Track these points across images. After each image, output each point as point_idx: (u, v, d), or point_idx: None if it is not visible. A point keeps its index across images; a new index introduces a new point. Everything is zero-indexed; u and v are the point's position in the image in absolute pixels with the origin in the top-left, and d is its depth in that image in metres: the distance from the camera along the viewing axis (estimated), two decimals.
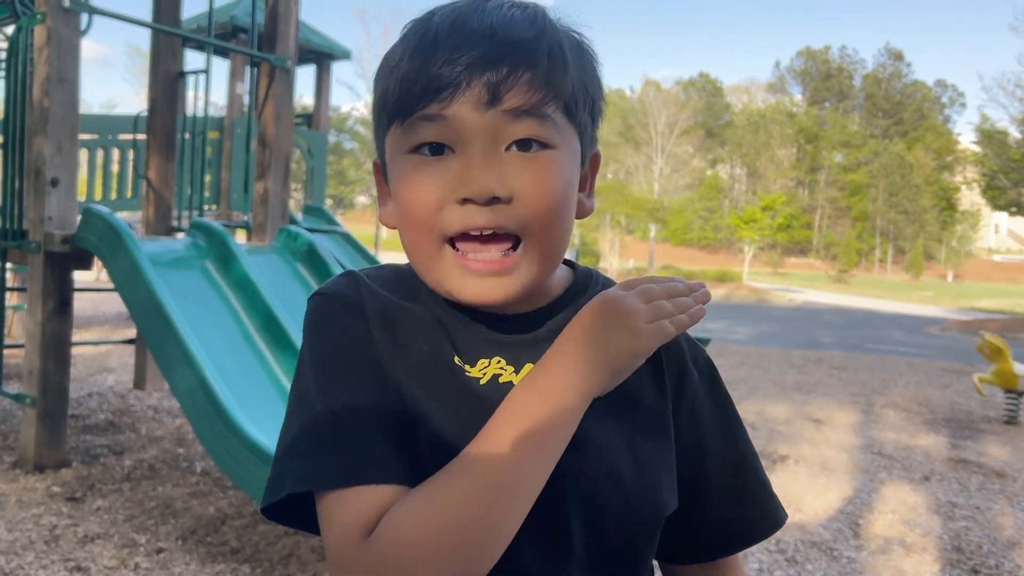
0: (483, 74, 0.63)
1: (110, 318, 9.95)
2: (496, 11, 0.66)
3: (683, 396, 0.76)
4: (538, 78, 0.65)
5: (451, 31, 0.65)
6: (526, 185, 0.65)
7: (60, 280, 3.78)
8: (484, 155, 0.64)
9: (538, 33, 0.66)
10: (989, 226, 68.01)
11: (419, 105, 0.65)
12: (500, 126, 0.64)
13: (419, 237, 0.67)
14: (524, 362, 0.70)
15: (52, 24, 3.58)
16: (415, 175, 0.66)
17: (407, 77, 0.65)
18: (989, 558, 3.34)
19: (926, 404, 7.11)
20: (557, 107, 0.66)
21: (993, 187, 25.56)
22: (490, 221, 0.64)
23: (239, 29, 7.61)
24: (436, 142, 0.65)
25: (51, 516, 3.16)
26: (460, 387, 0.69)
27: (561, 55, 0.67)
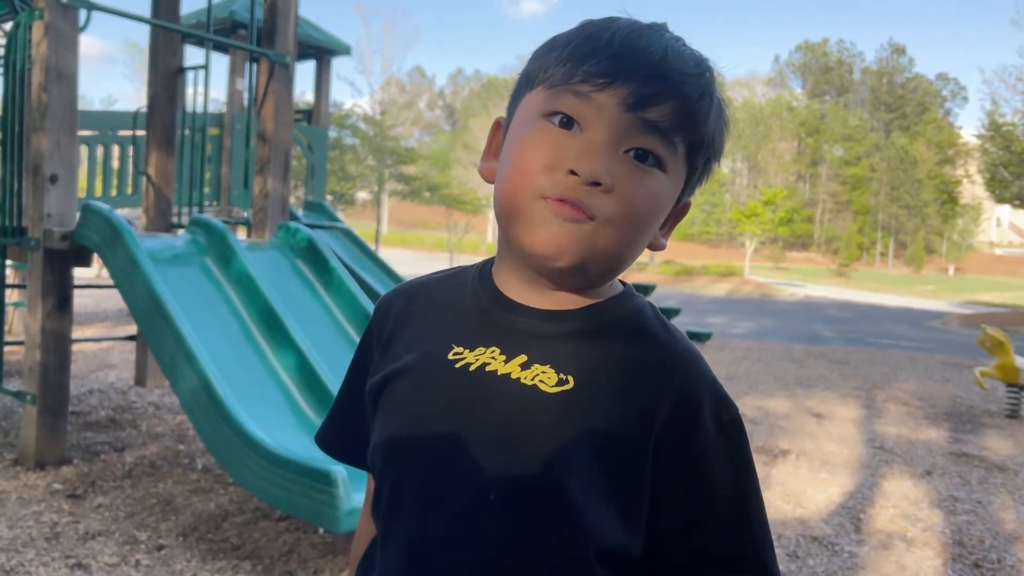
0: (641, 82, 0.68)
1: (111, 315, 9.95)
2: (673, 40, 0.72)
3: (686, 452, 0.73)
4: (682, 109, 0.70)
5: (631, 36, 0.70)
6: (625, 188, 0.69)
7: (60, 277, 3.77)
8: (605, 144, 0.69)
9: (699, 73, 0.72)
10: (991, 220, 67.90)
11: (574, 79, 0.69)
12: (630, 130, 0.69)
13: (520, 188, 0.71)
14: (518, 353, 0.74)
15: (50, 20, 3.57)
16: (541, 136, 0.71)
17: (576, 54, 0.70)
18: (991, 552, 3.34)
19: (927, 398, 7.10)
20: (683, 142, 0.72)
21: (996, 180, 25.46)
22: (585, 198, 0.68)
23: (238, 25, 7.60)
24: (570, 115, 0.70)
25: (52, 513, 3.16)
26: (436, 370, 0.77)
27: (709, 102, 0.72)
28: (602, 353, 0.74)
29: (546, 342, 0.74)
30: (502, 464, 0.71)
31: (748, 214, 41.06)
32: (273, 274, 3.71)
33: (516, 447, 0.71)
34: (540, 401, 0.71)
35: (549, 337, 0.74)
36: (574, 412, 0.71)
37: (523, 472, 0.71)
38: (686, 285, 32.57)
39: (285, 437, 2.76)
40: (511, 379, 0.73)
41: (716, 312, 19.20)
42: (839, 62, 67.36)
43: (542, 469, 0.70)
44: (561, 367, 0.72)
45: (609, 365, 0.74)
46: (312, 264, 3.91)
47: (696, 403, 0.73)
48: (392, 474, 0.77)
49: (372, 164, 30.62)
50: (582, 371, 0.72)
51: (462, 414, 0.73)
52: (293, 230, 4.04)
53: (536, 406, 0.71)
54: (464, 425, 0.73)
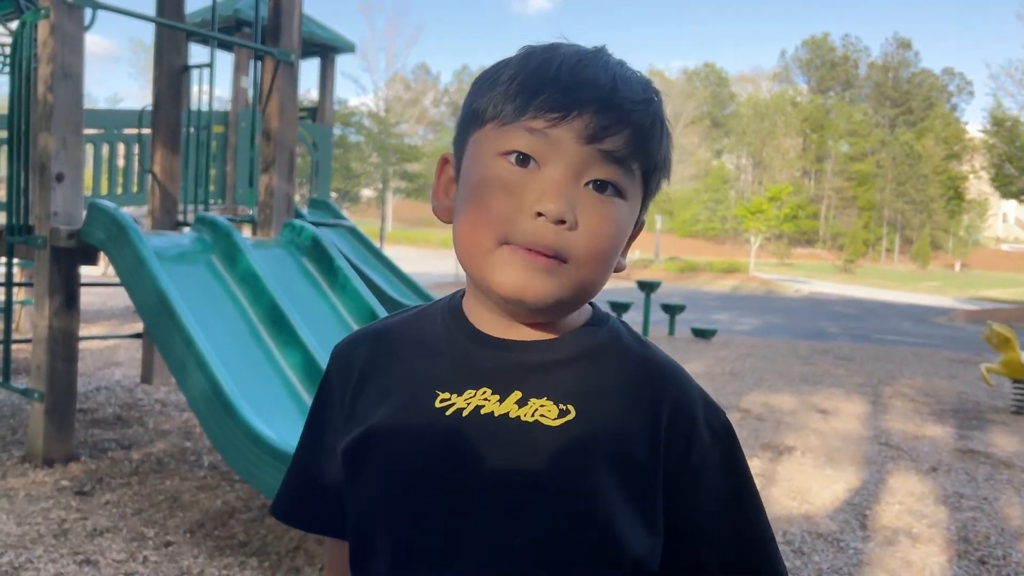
0: (595, 113, 0.68)
1: (117, 312, 9.99)
2: (619, 67, 0.72)
3: (687, 462, 0.74)
4: (637, 137, 0.71)
5: (578, 66, 0.70)
6: (591, 221, 0.69)
7: (66, 275, 3.79)
8: (566, 181, 0.69)
9: (649, 99, 0.72)
10: (997, 215, 67.61)
11: (527, 115, 0.69)
12: (589, 162, 0.69)
13: (483, 233, 0.70)
14: (511, 390, 0.72)
15: (56, 19, 3.58)
16: (499, 177, 0.70)
17: (525, 88, 0.69)
18: (997, 549, 3.34)
19: (933, 394, 7.09)
20: (640, 167, 0.73)
21: (1002, 175, 25.34)
22: (554, 241, 0.68)
23: (243, 23, 7.61)
24: (527, 153, 0.69)
25: (60, 510, 3.18)
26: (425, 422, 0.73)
27: (661, 127, 0.74)
28: (594, 378, 0.74)
29: (537, 374, 0.73)
30: (524, 507, 0.70)
31: (753, 210, 40.97)
32: (279, 272, 3.72)
33: (534, 487, 0.70)
34: (547, 436, 0.70)
35: (538, 369, 0.73)
36: (583, 440, 0.71)
37: (550, 510, 0.69)
38: (691, 282, 32.51)
39: (291, 434, 2.77)
40: (511, 419, 0.71)
41: (721, 309, 19.17)
42: (844, 57, 67.11)
43: (569, 502, 0.70)
44: (559, 398, 0.72)
45: (604, 388, 0.74)
46: (317, 262, 3.92)
47: (690, 414, 0.75)
48: (391, 537, 0.73)
49: (376, 162, 30.63)
50: (580, 399, 0.72)
51: (466, 463, 0.71)
52: (298, 228, 4.05)
53: (544, 442, 0.70)
54: (471, 474, 0.70)
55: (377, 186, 32.99)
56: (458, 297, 0.80)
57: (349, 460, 0.77)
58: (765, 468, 4.38)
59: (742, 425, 5.35)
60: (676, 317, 11.21)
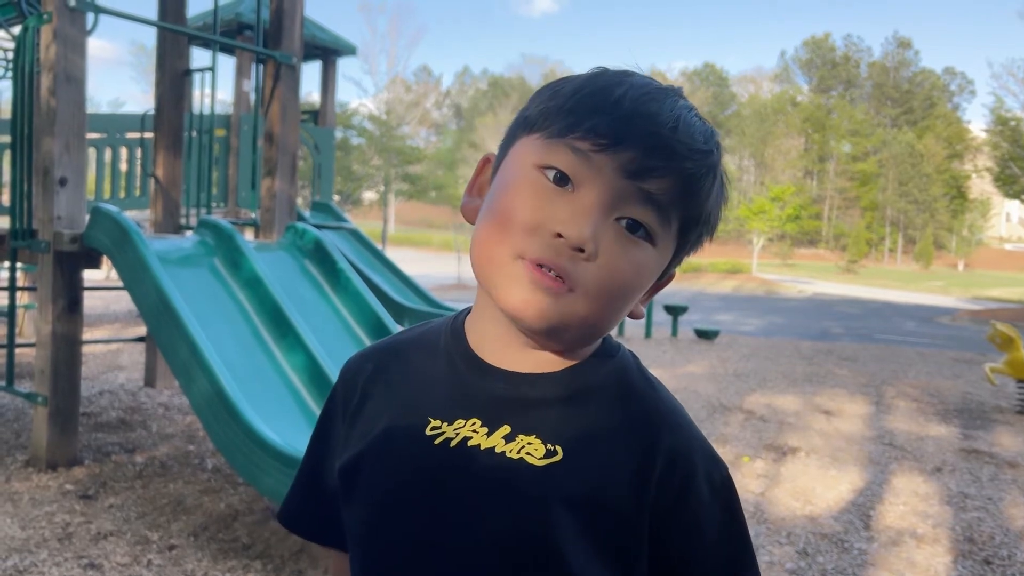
0: (646, 150, 0.65)
1: (121, 316, 10.00)
2: (686, 110, 0.69)
3: (677, 516, 0.71)
4: (684, 185, 0.67)
5: (643, 98, 0.67)
6: (611, 258, 0.66)
7: (70, 279, 3.79)
8: (597, 210, 0.65)
9: (708, 151, 0.69)
10: (1000, 215, 67.50)
11: (575, 134, 0.66)
12: (625, 197, 0.66)
13: (501, 242, 0.67)
14: (501, 423, 0.70)
15: (58, 24, 3.59)
16: (531, 189, 0.67)
17: (581, 107, 0.66)
18: (1001, 549, 3.33)
19: (937, 394, 7.08)
20: (679, 217, 0.69)
21: (1005, 175, 25.29)
22: (566, 266, 0.65)
23: (245, 26, 7.63)
24: (565, 172, 0.66)
25: (64, 514, 3.19)
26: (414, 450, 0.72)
27: (712, 182, 0.70)
28: (589, 419, 0.71)
29: (529, 410, 0.70)
30: (495, 543, 0.68)
31: (756, 211, 40.93)
32: (281, 275, 3.73)
33: (508, 524, 0.68)
34: (528, 475, 0.68)
35: (532, 404, 0.71)
36: (565, 484, 0.68)
37: (519, 548, 0.68)
38: (693, 282, 32.49)
39: (295, 437, 2.77)
40: (495, 453, 0.69)
41: (724, 309, 19.15)
42: (845, 57, 67.05)
43: (539, 545, 0.67)
44: (548, 437, 0.69)
45: (597, 431, 0.71)
46: (320, 265, 3.92)
47: (689, 464, 0.71)
48: (374, 559, 0.73)
49: (378, 164, 30.66)
50: (570, 440, 0.69)
51: (445, 494, 0.70)
52: (301, 231, 4.05)
53: (525, 480, 0.68)
54: (450, 505, 0.69)
55: (379, 188, 33.02)
56: (461, 318, 0.78)
57: (344, 479, 0.76)
58: (769, 469, 4.37)
59: (745, 426, 5.34)
60: (679, 318, 11.20)
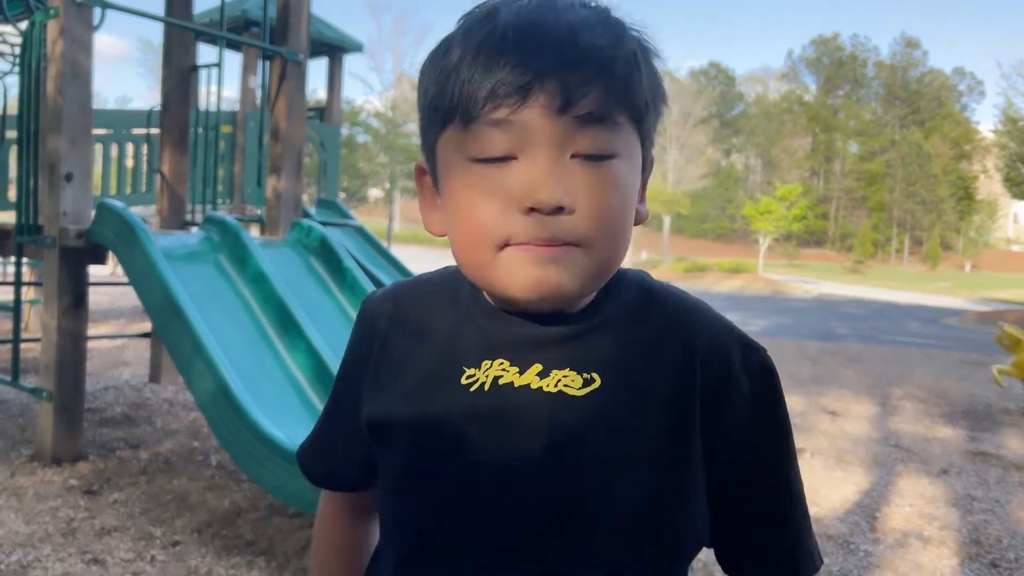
0: (557, 79, 0.60)
1: (126, 312, 10.02)
2: (568, 12, 0.62)
3: (723, 408, 0.69)
4: (614, 87, 0.62)
5: (523, 31, 0.61)
6: (590, 196, 0.62)
7: (75, 275, 3.80)
8: (550, 163, 0.61)
9: (615, 40, 0.63)
10: (1008, 216, 67.22)
11: (485, 108, 0.61)
12: (568, 133, 0.61)
13: (477, 244, 0.64)
14: (532, 362, 0.68)
15: (65, 19, 3.59)
16: (480, 184, 0.63)
17: (472, 78, 0.61)
18: (1008, 552, 3.31)
19: (944, 396, 7.04)
20: (627, 116, 0.64)
21: (1014, 176, 25.17)
22: (555, 234, 0.62)
23: (251, 23, 7.63)
24: (500, 152, 0.62)
25: (68, 509, 3.19)
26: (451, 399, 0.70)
27: (636, 64, 0.64)
28: (619, 343, 0.69)
29: (557, 346, 0.68)
30: (550, 480, 0.66)
31: (762, 211, 40.84)
32: (287, 272, 3.72)
33: (560, 458, 0.66)
34: (571, 407, 0.66)
35: (559, 341, 0.68)
36: (610, 409, 0.67)
37: (578, 481, 0.66)
38: (699, 282, 32.41)
39: (299, 434, 2.76)
40: (531, 390, 0.67)
41: (730, 309, 19.11)
42: (853, 56, 66.84)
43: (597, 472, 0.66)
44: (582, 368, 0.67)
45: (629, 352, 0.69)
46: (325, 262, 3.92)
47: (725, 355, 0.69)
48: (414, 505, 0.72)
49: (384, 161, 30.68)
50: (605, 366, 0.68)
51: (490, 435, 0.68)
52: (306, 228, 4.05)
53: (568, 413, 0.66)
54: (495, 446, 0.67)
55: (384, 186, 33.04)
56: None
57: (375, 432, 0.75)
58: None
59: None
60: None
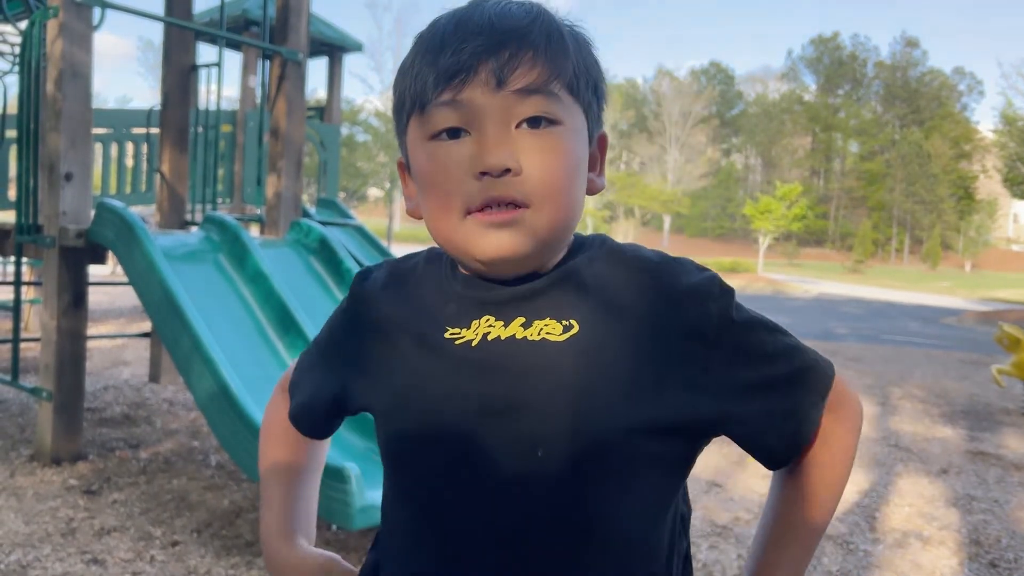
0: (488, 60, 0.69)
1: (126, 311, 10.02)
2: (494, 7, 0.73)
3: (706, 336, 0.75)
4: (539, 58, 0.71)
5: (455, 28, 0.72)
6: (535, 158, 0.70)
7: (75, 274, 3.79)
8: (497, 133, 0.70)
9: (532, 19, 0.72)
10: (1008, 216, 67.22)
11: (434, 94, 0.71)
12: (509, 105, 0.70)
13: (443, 211, 0.72)
14: (514, 316, 0.75)
15: (65, 19, 3.59)
16: (436, 156, 0.72)
17: (420, 73, 0.72)
18: (1008, 552, 3.31)
19: (943, 396, 7.05)
20: (561, 85, 0.72)
21: (1014, 175, 25.14)
22: (505, 192, 0.70)
23: (251, 22, 7.62)
24: (453, 127, 0.71)
25: (68, 509, 3.19)
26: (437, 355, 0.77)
27: (559, 38, 0.73)
28: (593, 292, 0.75)
29: (535, 300, 0.75)
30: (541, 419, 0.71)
31: (762, 210, 40.84)
32: (286, 271, 3.72)
33: (550, 400, 0.72)
34: (554, 351, 0.72)
35: (536, 295, 0.75)
36: (591, 349, 0.72)
37: (568, 419, 0.71)
38: None
39: None
40: (517, 339, 0.74)
41: None
42: (853, 56, 66.81)
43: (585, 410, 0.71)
44: (561, 316, 0.74)
45: (602, 298, 0.75)
46: (325, 262, 3.92)
47: (693, 293, 0.75)
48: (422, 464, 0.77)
49: (384, 160, 30.68)
50: (582, 312, 0.74)
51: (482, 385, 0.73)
52: (306, 228, 4.05)
53: (552, 357, 0.72)
54: (487, 395, 0.73)
55: (384, 185, 33.02)
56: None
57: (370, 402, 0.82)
58: None
59: None
60: None
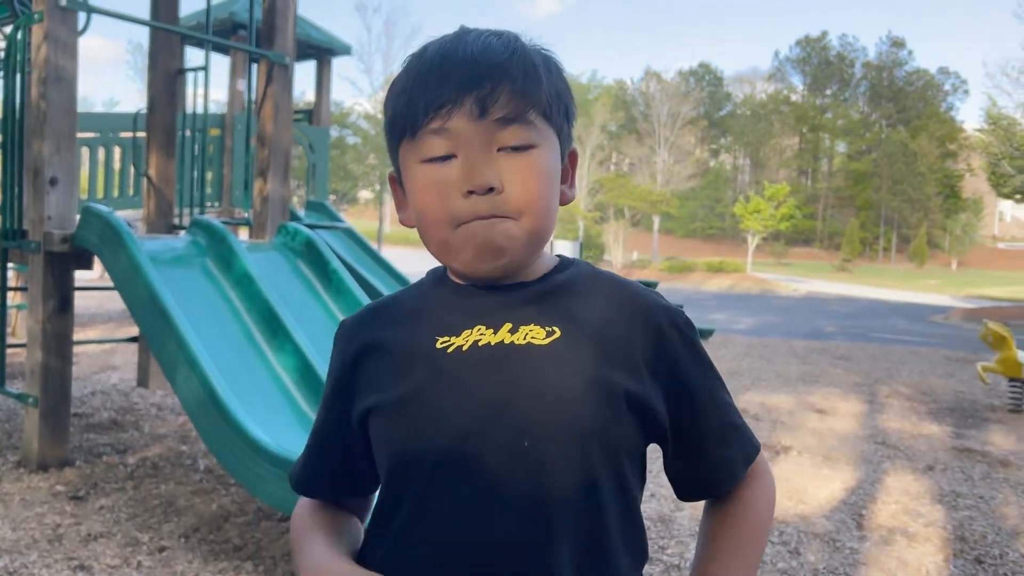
0: (471, 92, 0.78)
1: (114, 316, 9.97)
2: (475, 41, 0.81)
3: (664, 355, 0.86)
4: (517, 91, 0.79)
5: (442, 60, 0.80)
6: (515, 178, 0.80)
7: (60, 280, 3.78)
8: (481, 156, 0.79)
9: (511, 54, 0.80)
10: (994, 214, 67.72)
11: (424, 121, 0.79)
12: (491, 132, 0.79)
13: (435, 226, 0.81)
14: (502, 323, 0.83)
15: (49, 23, 3.58)
16: (429, 178, 0.81)
17: (411, 100, 0.80)
18: (993, 548, 3.34)
19: (930, 393, 7.10)
20: (536, 113, 0.81)
21: (998, 174, 25.31)
22: (489, 208, 0.79)
23: (239, 25, 7.61)
24: (443, 153, 0.80)
25: (54, 515, 3.17)
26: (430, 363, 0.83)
27: (534, 70, 0.81)
28: (573, 304, 0.85)
29: (521, 308, 0.84)
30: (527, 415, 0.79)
31: (751, 210, 41.00)
32: (274, 275, 3.72)
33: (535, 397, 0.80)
34: (538, 353, 0.81)
35: (522, 304, 0.84)
36: (570, 352, 0.82)
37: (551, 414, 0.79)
38: (688, 281, 32.51)
39: (287, 438, 2.76)
40: (505, 344, 0.82)
41: (718, 308, 19.18)
42: (840, 56, 67.12)
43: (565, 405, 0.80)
44: (544, 322, 0.83)
45: (582, 310, 0.85)
46: (313, 265, 3.91)
47: (657, 319, 0.86)
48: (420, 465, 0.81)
49: (374, 162, 30.63)
50: (563, 320, 0.83)
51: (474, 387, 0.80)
52: (293, 231, 4.05)
53: (536, 359, 0.81)
54: (479, 396, 0.80)
55: (375, 187, 32.96)
56: (440, 269, 0.91)
57: (364, 421, 0.86)
58: None
59: None
60: None
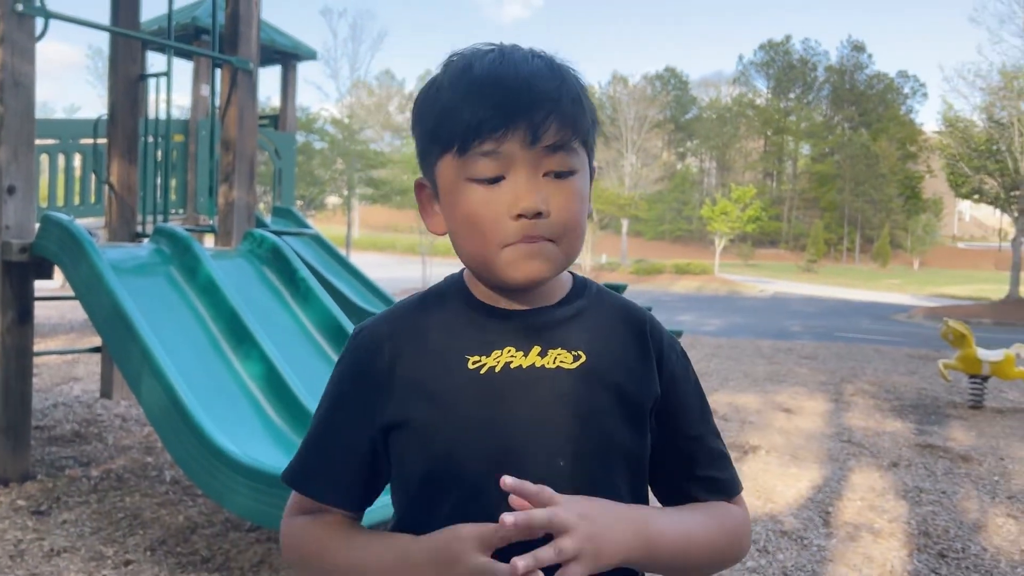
0: (526, 119, 0.82)
1: (77, 326, 9.77)
2: (524, 64, 0.84)
3: (669, 372, 0.94)
4: (567, 120, 0.84)
5: (494, 82, 0.83)
6: (558, 203, 0.84)
7: (19, 290, 3.70)
8: (529, 181, 0.83)
9: (560, 83, 0.85)
10: (953, 214, 69.21)
11: (476, 142, 0.82)
12: (540, 158, 0.83)
13: (483, 244, 0.85)
14: (532, 346, 0.88)
15: (5, 29, 3.51)
16: (478, 199, 0.84)
17: (461, 117, 0.82)
18: (956, 542, 3.41)
19: (893, 391, 7.23)
20: (578, 140, 0.86)
21: (956, 175, 25.87)
22: (536, 231, 0.83)
23: (202, 30, 7.51)
24: (493, 175, 0.83)
25: (16, 531, 3.10)
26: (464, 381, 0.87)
27: (579, 100, 0.86)
28: (593, 328, 0.92)
29: (549, 332, 0.89)
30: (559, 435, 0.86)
31: (718, 212, 41.43)
32: (239, 282, 3.68)
33: (567, 418, 0.86)
34: (568, 378, 0.87)
35: (549, 327, 0.90)
36: (597, 376, 0.88)
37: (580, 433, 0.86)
38: (656, 283, 32.77)
39: (254, 447, 2.74)
40: (536, 368, 0.87)
41: (686, 310, 19.35)
42: (803, 60, 68.19)
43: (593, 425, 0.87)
44: (571, 347, 0.89)
45: (602, 335, 0.92)
46: (279, 272, 3.88)
47: (662, 342, 0.95)
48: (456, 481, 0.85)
49: (341, 168, 30.41)
50: (587, 345, 0.90)
51: (507, 408, 0.85)
52: (259, 238, 4.01)
53: (566, 383, 0.87)
54: (512, 416, 0.85)
55: (342, 193, 32.73)
56: (459, 280, 0.94)
57: (392, 436, 0.89)
58: None
59: None
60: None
